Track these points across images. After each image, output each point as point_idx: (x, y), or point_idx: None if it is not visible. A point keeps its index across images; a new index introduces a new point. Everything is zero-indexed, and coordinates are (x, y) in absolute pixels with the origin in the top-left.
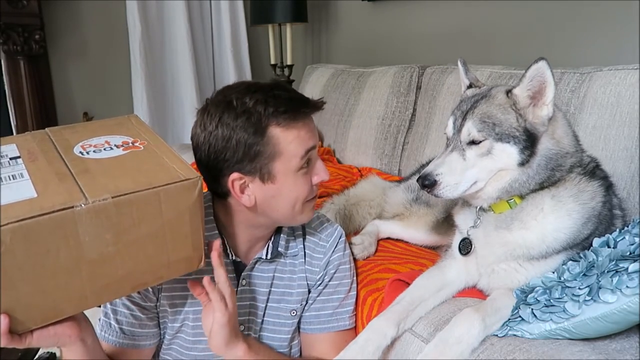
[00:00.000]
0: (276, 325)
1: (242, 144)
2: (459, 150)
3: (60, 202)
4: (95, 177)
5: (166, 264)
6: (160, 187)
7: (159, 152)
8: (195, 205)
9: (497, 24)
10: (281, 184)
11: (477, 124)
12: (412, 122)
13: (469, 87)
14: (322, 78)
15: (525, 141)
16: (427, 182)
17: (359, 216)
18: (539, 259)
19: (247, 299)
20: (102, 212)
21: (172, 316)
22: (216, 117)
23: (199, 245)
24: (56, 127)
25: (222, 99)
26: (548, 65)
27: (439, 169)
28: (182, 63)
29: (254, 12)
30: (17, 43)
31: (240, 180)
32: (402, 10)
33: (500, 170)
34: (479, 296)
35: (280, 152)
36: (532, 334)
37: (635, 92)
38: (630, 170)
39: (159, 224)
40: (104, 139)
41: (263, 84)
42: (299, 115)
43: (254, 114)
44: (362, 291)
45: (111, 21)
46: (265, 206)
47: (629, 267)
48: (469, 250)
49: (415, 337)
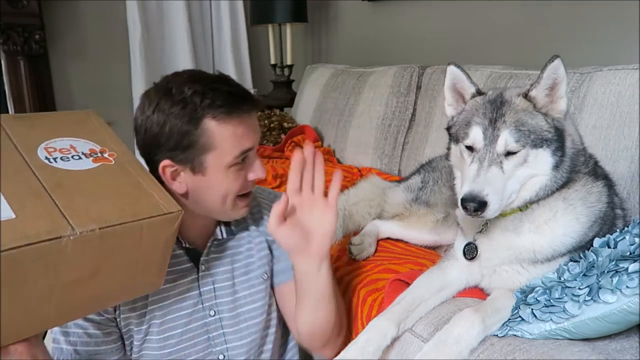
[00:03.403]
0: (252, 295)
1: (175, 131)
2: (497, 164)
3: (45, 230)
4: (72, 195)
5: (132, 287)
6: (145, 219)
7: (133, 171)
8: (171, 236)
9: (497, 24)
10: (211, 176)
11: (514, 134)
12: (412, 122)
13: (477, 94)
14: (322, 78)
15: (557, 141)
16: (476, 205)
17: (358, 216)
18: (543, 262)
19: (210, 283)
20: (87, 242)
21: (137, 319)
22: (154, 102)
23: (164, 271)
24: (9, 116)
25: (164, 85)
26: (562, 63)
27: (486, 188)
28: (182, 63)
29: (254, 12)
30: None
31: (171, 167)
32: (402, 10)
33: (533, 176)
34: (479, 296)
35: (214, 145)
36: (532, 334)
37: (635, 92)
38: (630, 170)
39: (136, 253)
40: (68, 143)
41: (207, 75)
42: (236, 111)
43: (189, 103)
44: (362, 291)
45: (111, 21)
46: (196, 196)
47: (629, 267)
48: (474, 255)
49: (415, 337)
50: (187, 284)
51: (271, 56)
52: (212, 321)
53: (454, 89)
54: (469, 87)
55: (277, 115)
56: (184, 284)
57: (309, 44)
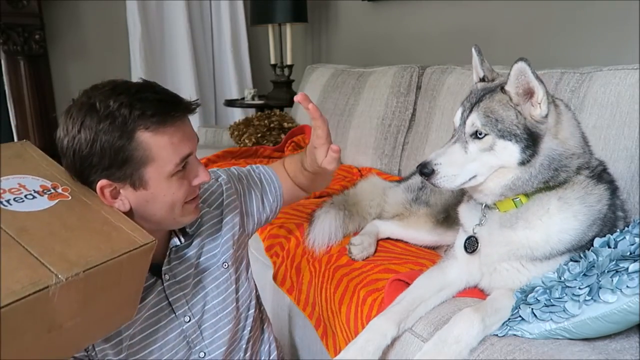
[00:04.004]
0: (219, 286)
1: (107, 149)
2: (461, 143)
3: (29, 282)
4: (43, 241)
5: (111, 323)
6: (124, 254)
7: (93, 204)
8: (147, 266)
9: (497, 24)
10: (154, 189)
11: (482, 118)
12: (412, 122)
13: (481, 80)
14: (322, 78)
15: (527, 140)
16: (426, 170)
17: (358, 216)
18: (542, 260)
19: (178, 291)
20: (72, 287)
21: (113, 350)
22: (78, 120)
23: (137, 301)
24: None
25: (86, 101)
26: (528, 66)
27: (439, 158)
28: (182, 63)
29: (254, 12)
30: (17, 43)
31: (110, 187)
32: (402, 10)
33: (501, 167)
34: (479, 296)
35: (151, 157)
36: (532, 333)
37: (635, 92)
38: (630, 170)
39: (116, 288)
40: (15, 182)
41: (131, 84)
42: (169, 118)
43: (118, 117)
44: (362, 291)
45: (111, 21)
46: (141, 212)
47: (629, 267)
48: (475, 248)
49: (415, 337)
50: (155, 298)
51: (271, 56)
52: (189, 327)
53: (476, 71)
54: (480, 72)
55: (277, 115)
56: (151, 299)
57: (309, 44)
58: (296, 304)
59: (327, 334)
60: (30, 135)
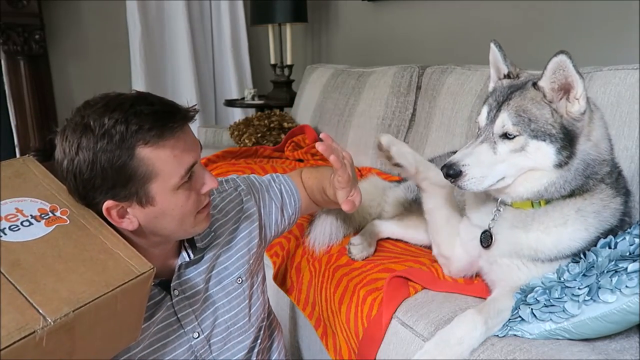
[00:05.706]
0: (231, 302)
1: (108, 168)
2: (489, 143)
3: (15, 328)
4: (34, 276)
5: (111, 349)
6: (118, 287)
7: (91, 228)
8: (146, 294)
9: (497, 24)
10: (162, 204)
11: (513, 117)
12: (412, 122)
13: (505, 77)
14: (322, 78)
15: (563, 140)
16: (452, 172)
17: (358, 216)
18: (544, 262)
19: (187, 307)
20: (61, 328)
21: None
22: (74, 142)
23: (140, 323)
24: None
25: (80, 121)
26: (569, 59)
27: (466, 159)
28: (182, 63)
29: (254, 12)
30: (17, 43)
31: (116, 207)
32: (402, 10)
33: (532, 169)
34: (480, 295)
35: (155, 172)
36: (532, 334)
37: (635, 92)
38: (630, 170)
39: (112, 320)
40: (12, 207)
41: (124, 98)
42: (167, 130)
43: (114, 135)
44: (362, 291)
45: (111, 21)
46: (151, 228)
47: (629, 267)
48: (490, 243)
49: (415, 336)
50: (164, 314)
51: (271, 56)
52: (197, 342)
53: (495, 67)
54: (503, 68)
55: (277, 115)
56: (160, 315)
57: (309, 44)
58: (296, 303)
59: (327, 334)
60: (30, 135)
